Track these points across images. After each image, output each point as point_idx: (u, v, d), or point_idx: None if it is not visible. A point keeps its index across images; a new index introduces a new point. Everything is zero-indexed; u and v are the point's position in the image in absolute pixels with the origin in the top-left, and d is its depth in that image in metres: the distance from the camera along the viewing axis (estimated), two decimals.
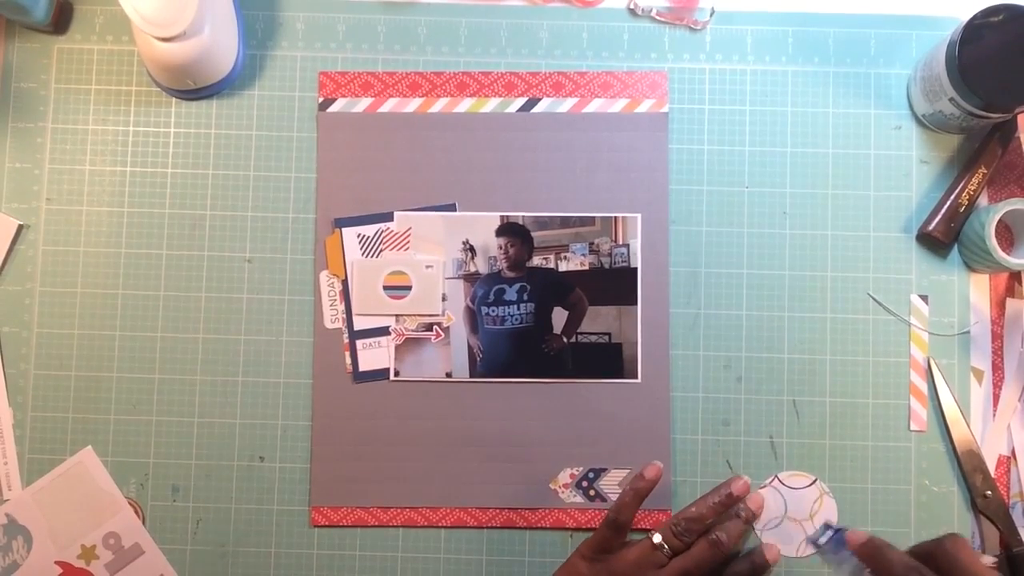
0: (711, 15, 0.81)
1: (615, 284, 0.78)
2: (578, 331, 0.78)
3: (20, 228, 0.79)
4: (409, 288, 0.78)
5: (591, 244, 0.79)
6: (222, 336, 0.79)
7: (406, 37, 0.81)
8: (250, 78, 0.81)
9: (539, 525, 0.77)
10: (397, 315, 0.79)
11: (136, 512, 0.78)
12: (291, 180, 0.80)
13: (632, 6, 0.81)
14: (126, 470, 0.78)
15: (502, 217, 0.79)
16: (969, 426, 0.77)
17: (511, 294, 0.78)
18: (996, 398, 0.78)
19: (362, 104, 0.80)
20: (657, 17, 0.81)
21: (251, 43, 0.81)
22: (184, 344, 0.79)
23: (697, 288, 0.79)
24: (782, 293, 0.79)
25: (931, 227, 0.77)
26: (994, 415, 0.78)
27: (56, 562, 0.77)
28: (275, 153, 0.80)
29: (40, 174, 0.80)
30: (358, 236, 0.79)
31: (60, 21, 0.80)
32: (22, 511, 0.77)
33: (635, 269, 0.78)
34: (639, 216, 0.79)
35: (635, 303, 0.78)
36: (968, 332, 0.79)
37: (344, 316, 0.79)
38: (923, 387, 0.78)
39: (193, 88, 0.79)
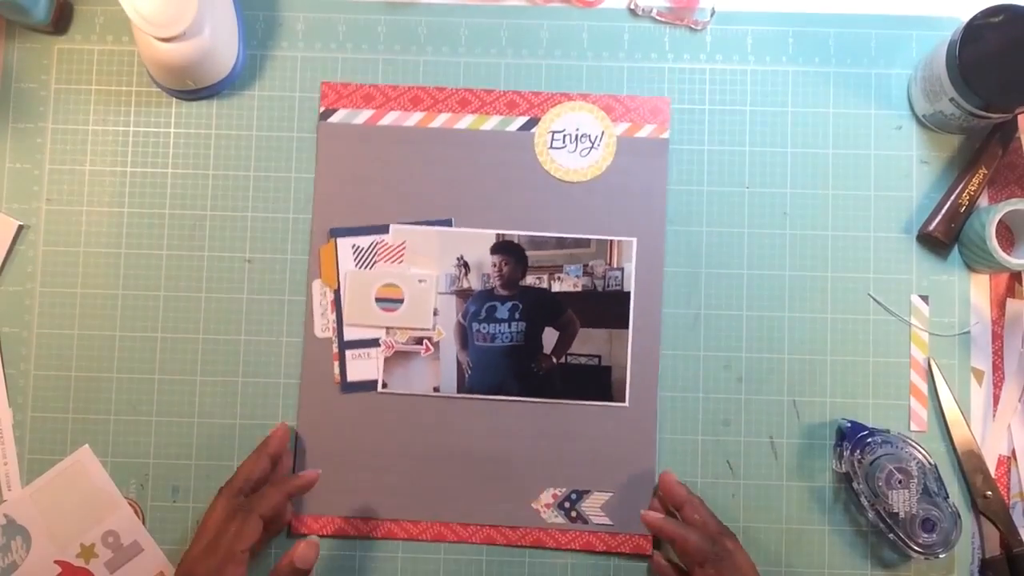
0: (711, 15, 0.81)
1: (607, 307, 0.78)
2: (568, 352, 0.78)
3: (20, 228, 0.79)
4: (401, 301, 0.78)
5: (585, 266, 0.78)
6: (222, 336, 0.79)
7: (406, 37, 0.81)
8: (250, 79, 0.81)
9: (519, 543, 0.77)
10: (388, 327, 0.78)
11: (136, 512, 0.78)
12: (291, 181, 0.80)
13: (632, 6, 0.81)
14: (126, 470, 0.78)
15: (497, 235, 0.79)
16: (969, 426, 0.77)
17: (503, 312, 0.78)
18: (996, 398, 0.78)
19: (363, 116, 0.80)
20: (657, 17, 0.81)
21: (251, 43, 0.81)
22: (184, 344, 0.79)
23: (697, 289, 0.79)
24: (782, 293, 0.79)
25: (931, 227, 0.77)
26: (994, 415, 0.78)
27: (55, 561, 0.77)
28: (275, 153, 0.80)
29: (40, 174, 0.80)
30: (352, 247, 0.79)
31: (60, 21, 0.80)
32: (20, 511, 0.77)
33: (628, 293, 0.78)
34: (634, 240, 0.78)
35: (626, 327, 0.78)
36: (968, 332, 0.79)
37: (335, 325, 0.78)
38: (923, 387, 0.78)
39: (193, 88, 0.79)
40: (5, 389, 0.79)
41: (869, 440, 0.73)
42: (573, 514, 0.77)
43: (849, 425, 0.75)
